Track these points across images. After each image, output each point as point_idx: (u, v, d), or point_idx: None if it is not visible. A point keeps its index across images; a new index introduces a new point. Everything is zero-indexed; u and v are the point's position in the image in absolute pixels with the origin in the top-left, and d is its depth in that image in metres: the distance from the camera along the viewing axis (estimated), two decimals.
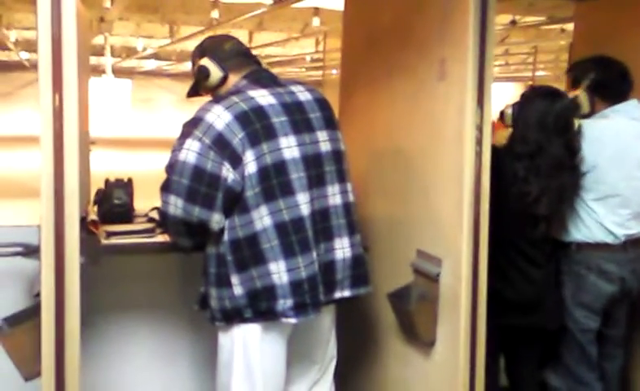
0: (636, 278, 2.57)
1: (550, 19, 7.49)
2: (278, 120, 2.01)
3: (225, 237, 1.98)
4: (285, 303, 1.95)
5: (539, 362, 2.62)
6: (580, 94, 2.58)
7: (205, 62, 2.13)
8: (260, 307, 1.97)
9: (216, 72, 2.12)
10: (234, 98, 2.00)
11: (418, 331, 2.23)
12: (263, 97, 2.03)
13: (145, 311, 2.67)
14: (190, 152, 1.93)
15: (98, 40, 10.20)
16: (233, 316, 2.02)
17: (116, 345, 2.64)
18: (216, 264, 2.01)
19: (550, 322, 2.48)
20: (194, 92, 2.23)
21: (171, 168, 1.97)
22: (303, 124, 2.05)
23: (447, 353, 2.13)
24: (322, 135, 2.08)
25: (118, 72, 12.87)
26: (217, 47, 2.15)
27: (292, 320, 1.97)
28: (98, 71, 11.82)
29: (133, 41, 11.55)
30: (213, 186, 1.93)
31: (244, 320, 2.00)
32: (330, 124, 2.13)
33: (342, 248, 2.08)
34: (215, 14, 7.40)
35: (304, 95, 2.11)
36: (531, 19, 7.81)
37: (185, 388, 2.75)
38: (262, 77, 2.11)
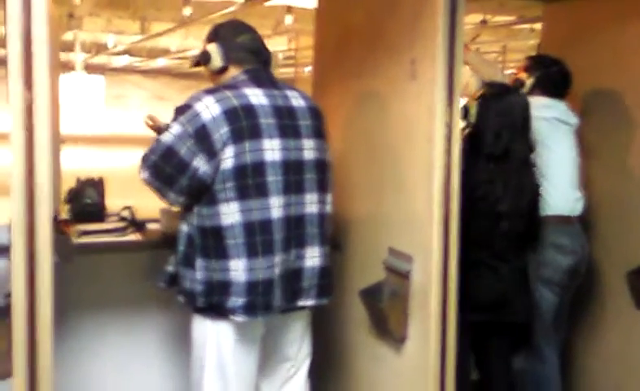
0: (585, 252, 2.76)
1: (520, 18, 7.59)
2: (266, 121, 2.02)
3: (194, 222, 2.02)
4: (236, 301, 1.98)
5: (510, 353, 2.67)
6: (527, 79, 2.82)
7: (211, 47, 2.15)
8: (212, 300, 2.01)
9: (217, 61, 2.14)
10: (227, 93, 2.02)
11: (389, 328, 2.25)
12: (256, 96, 2.04)
13: (117, 310, 2.66)
14: (169, 134, 1.99)
15: (67, 36, 10.06)
16: (190, 299, 2.05)
17: (89, 344, 2.62)
18: (186, 243, 2.05)
19: (519, 317, 2.53)
20: (197, 65, 2.24)
21: (154, 141, 2.04)
22: (290, 129, 2.07)
23: (418, 349, 2.16)
24: (307, 143, 2.10)
25: (89, 68, 12.71)
26: (230, 37, 2.16)
27: (239, 319, 1.99)
28: (67, 67, 11.66)
29: (103, 38, 11.41)
30: (179, 170, 1.97)
31: (199, 310, 2.04)
32: (318, 133, 2.15)
33: (312, 257, 2.11)
34: (187, 11, 7.35)
35: (297, 101, 2.13)
36: (501, 18, 7.90)
37: (158, 384, 2.75)
38: (261, 77, 2.12)
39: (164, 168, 1.99)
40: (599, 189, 2.88)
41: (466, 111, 2.54)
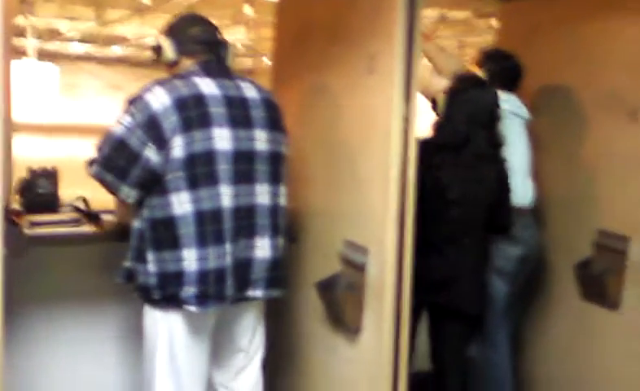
0: (535, 241, 2.85)
1: (476, 14, 7.71)
2: (216, 110, 2.02)
3: (145, 214, 2.02)
4: (188, 290, 1.98)
5: (463, 343, 2.71)
6: (481, 73, 2.85)
7: (163, 41, 2.16)
8: (167, 291, 2.01)
9: (168, 54, 2.15)
10: (177, 83, 2.03)
11: (344, 320, 2.27)
12: (207, 86, 2.05)
13: (71, 302, 2.62)
14: (119, 125, 1.98)
15: (19, 20, 9.81)
16: (144, 293, 2.05)
17: (41, 340, 2.58)
18: (137, 238, 2.05)
19: (466, 305, 2.55)
20: (156, 61, 2.26)
21: (104, 135, 2.03)
22: (241, 119, 2.07)
23: (372, 340, 2.19)
24: (260, 134, 2.10)
25: (41, 54, 12.41)
26: (181, 29, 2.17)
27: (192, 308, 2.00)
28: (19, 53, 11.37)
29: (56, 24, 11.16)
30: (131, 162, 1.97)
31: (154, 302, 2.03)
32: (273, 126, 2.15)
33: (262, 248, 2.11)
34: None
35: (250, 92, 2.13)
36: (459, 13, 8.02)
37: (112, 377, 2.72)
38: (213, 68, 2.12)
39: (115, 160, 1.98)
40: (549, 181, 2.96)
41: (434, 103, 2.60)
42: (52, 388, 2.63)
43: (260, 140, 2.10)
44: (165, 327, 2.05)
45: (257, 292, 2.13)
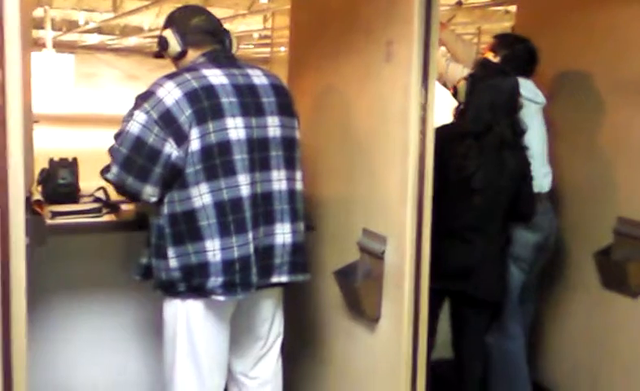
0: (553, 228, 2.82)
1: (494, 0, 7.64)
2: (228, 100, 2.02)
3: (165, 210, 2.01)
4: (215, 281, 1.99)
5: (484, 333, 2.71)
6: (494, 58, 2.82)
7: (167, 33, 2.15)
8: (192, 282, 2.01)
9: (174, 46, 2.14)
10: (187, 76, 2.02)
11: (363, 308, 2.28)
12: (216, 76, 2.04)
13: (91, 291, 2.65)
14: (135, 123, 1.97)
15: (38, 12, 9.87)
16: (168, 288, 2.06)
17: (63, 325, 2.62)
18: (157, 235, 2.05)
19: (487, 293, 2.55)
20: (159, 55, 2.25)
21: (117, 136, 2.01)
22: (253, 107, 2.07)
23: (391, 328, 2.19)
24: (272, 120, 2.10)
25: (58, 46, 12.49)
26: (183, 21, 2.16)
27: (221, 298, 2.01)
28: (37, 44, 11.45)
29: (74, 15, 11.22)
30: (151, 160, 1.96)
31: (178, 294, 2.04)
32: (284, 110, 2.14)
33: (283, 234, 2.11)
34: None
35: (259, 79, 2.13)
36: (476, 0, 7.95)
37: (132, 365, 2.75)
38: (220, 57, 2.12)
39: (136, 160, 1.96)
40: (567, 168, 2.93)
41: (455, 90, 2.58)
42: (72, 374, 2.66)
43: (273, 126, 2.10)
44: (185, 315, 2.07)
45: (282, 278, 2.14)
